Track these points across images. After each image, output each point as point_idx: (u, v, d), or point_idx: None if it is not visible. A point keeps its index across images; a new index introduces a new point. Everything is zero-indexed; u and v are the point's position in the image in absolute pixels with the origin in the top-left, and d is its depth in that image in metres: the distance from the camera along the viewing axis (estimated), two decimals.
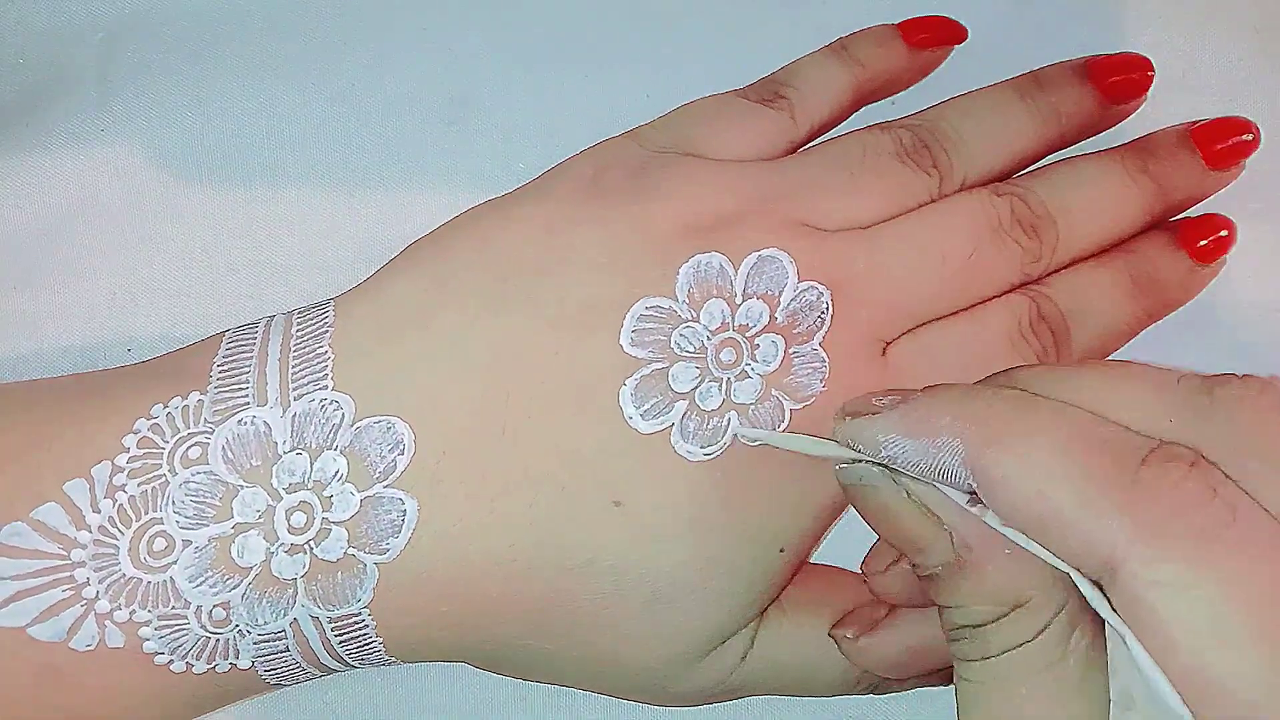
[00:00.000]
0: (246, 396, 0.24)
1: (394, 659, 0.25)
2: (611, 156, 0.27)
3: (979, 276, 0.27)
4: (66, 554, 0.22)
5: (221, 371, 0.24)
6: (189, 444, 0.23)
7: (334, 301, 0.25)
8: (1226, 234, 0.29)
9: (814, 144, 0.29)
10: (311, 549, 0.23)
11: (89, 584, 0.22)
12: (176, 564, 0.23)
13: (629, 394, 0.24)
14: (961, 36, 0.30)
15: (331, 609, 0.23)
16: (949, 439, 0.19)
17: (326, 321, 0.25)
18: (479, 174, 0.31)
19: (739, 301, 0.25)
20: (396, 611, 0.24)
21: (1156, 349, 0.30)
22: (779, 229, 0.26)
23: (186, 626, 0.23)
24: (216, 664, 0.23)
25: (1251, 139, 0.29)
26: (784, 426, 0.25)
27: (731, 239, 0.25)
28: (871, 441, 0.21)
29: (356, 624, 0.24)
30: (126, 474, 0.23)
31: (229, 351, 0.25)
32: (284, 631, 0.24)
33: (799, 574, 0.27)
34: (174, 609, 0.23)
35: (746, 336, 0.25)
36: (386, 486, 0.23)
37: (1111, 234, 0.28)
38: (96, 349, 0.30)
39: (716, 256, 0.25)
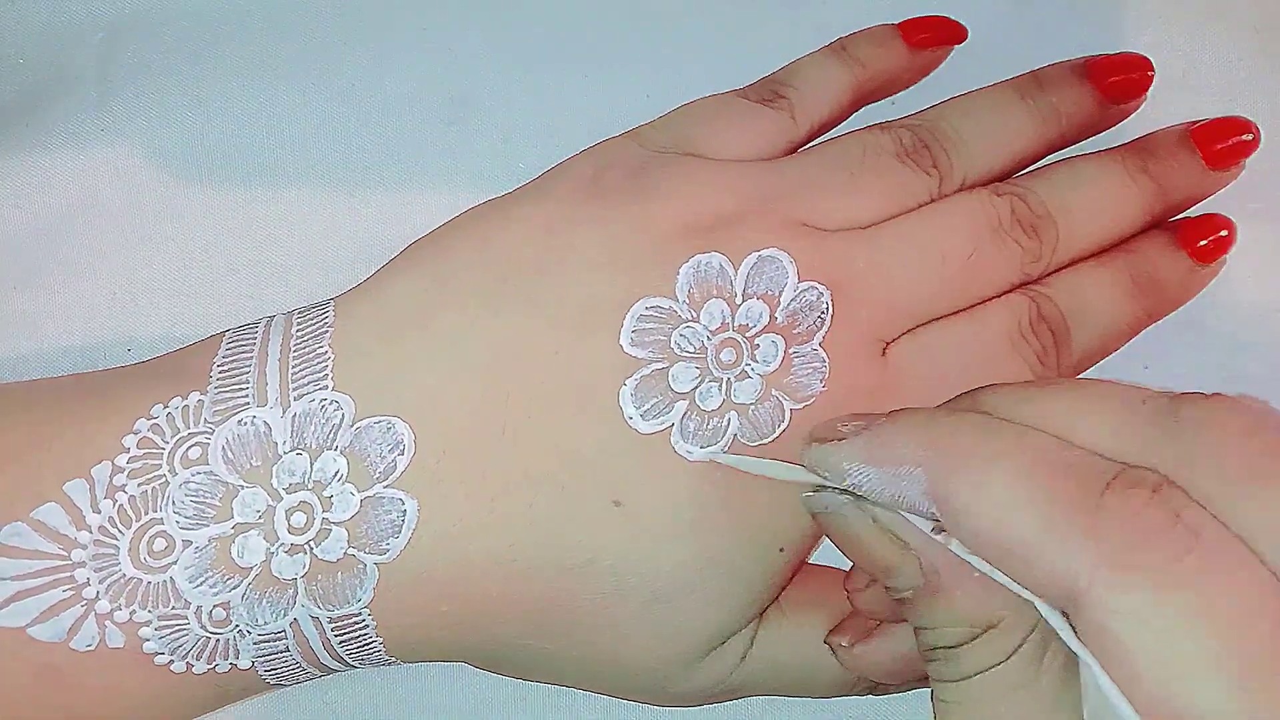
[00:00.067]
0: (246, 396, 0.24)
1: (394, 659, 0.25)
2: (611, 156, 0.27)
3: (979, 276, 0.27)
4: (67, 554, 0.22)
5: (221, 371, 0.24)
6: (189, 444, 0.23)
7: (334, 301, 0.25)
8: (1226, 234, 0.29)
9: (814, 144, 0.29)
10: (311, 549, 0.23)
11: (89, 584, 0.22)
12: (176, 564, 0.23)
13: (629, 394, 0.24)
14: (961, 36, 0.30)
15: (331, 609, 0.23)
16: (910, 468, 0.19)
17: (326, 321, 0.25)
18: (479, 174, 0.31)
19: (739, 301, 0.25)
20: (397, 611, 0.24)
21: (1156, 349, 0.30)
22: (779, 229, 0.26)
23: (187, 627, 0.23)
24: (216, 664, 0.23)
25: (1251, 139, 0.29)
26: (784, 426, 0.25)
27: (731, 239, 0.25)
28: (836, 469, 0.21)
29: (356, 624, 0.24)
30: (126, 474, 0.23)
31: (229, 351, 0.25)
32: (284, 632, 0.24)
33: (798, 574, 0.27)
34: (174, 609, 0.23)
35: (746, 336, 0.25)
36: (386, 486, 0.23)
37: (1111, 234, 0.28)
38: (96, 349, 0.30)
39: (716, 256, 0.25)
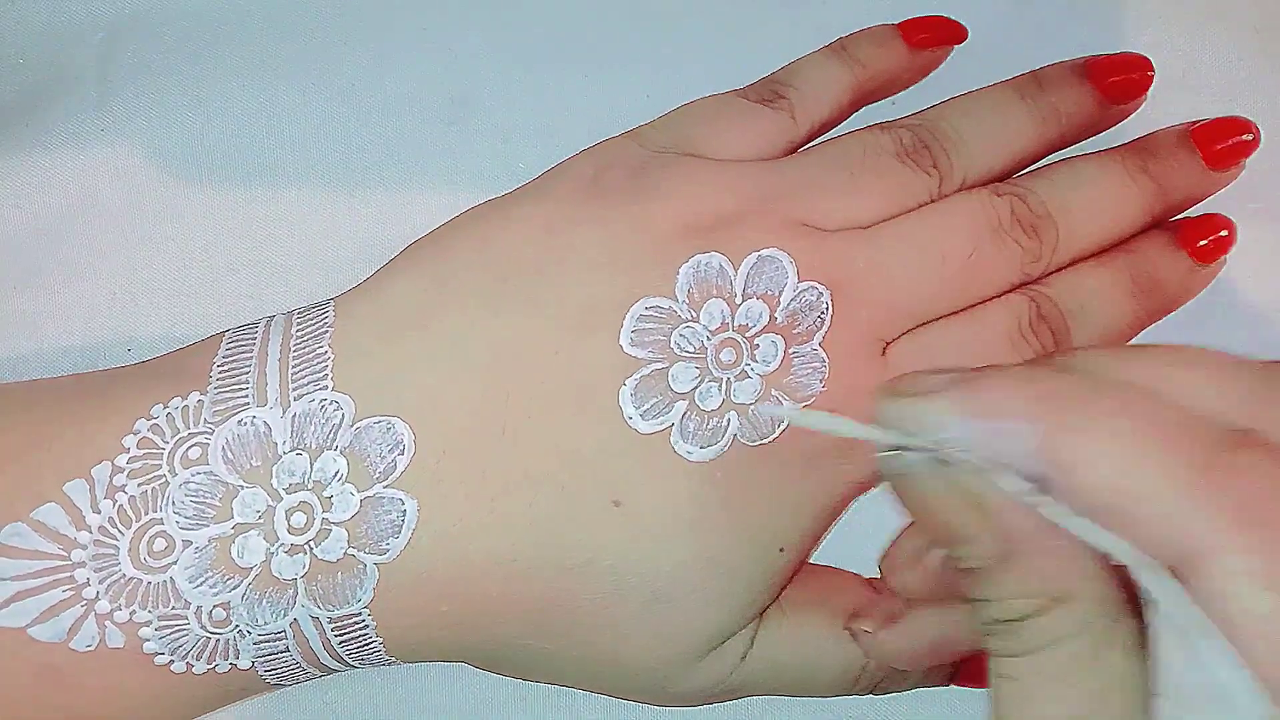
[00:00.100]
0: (246, 397, 0.24)
1: (394, 659, 0.25)
2: (611, 156, 0.27)
3: (979, 276, 0.27)
4: (67, 554, 0.22)
5: (221, 371, 0.24)
6: (189, 444, 0.23)
7: (334, 301, 0.25)
8: (1226, 234, 0.29)
9: (814, 144, 0.29)
10: (311, 549, 0.23)
11: (89, 584, 0.22)
12: (176, 564, 0.23)
13: (629, 394, 0.24)
14: (961, 36, 0.30)
15: (331, 609, 0.23)
16: (1018, 422, 0.18)
17: (326, 321, 0.25)
18: (479, 174, 0.31)
19: (739, 301, 0.25)
20: (397, 611, 0.24)
21: None
22: (779, 229, 0.26)
23: (187, 627, 0.23)
24: (217, 664, 0.23)
25: (1251, 139, 0.29)
26: (784, 426, 0.25)
27: (731, 239, 0.25)
28: (926, 424, 0.19)
29: (357, 624, 0.24)
30: (126, 474, 0.23)
31: (229, 351, 0.25)
32: (284, 632, 0.24)
33: (798, 574, 0.27)
34: (174, 609, 0.23)
35: (746, 336, 0.25)
36: (386, 486, 0.23)
37: (1111, 234, 0.28)
38: (96, 349, 0.30)
39: (716, 256, 0.25)
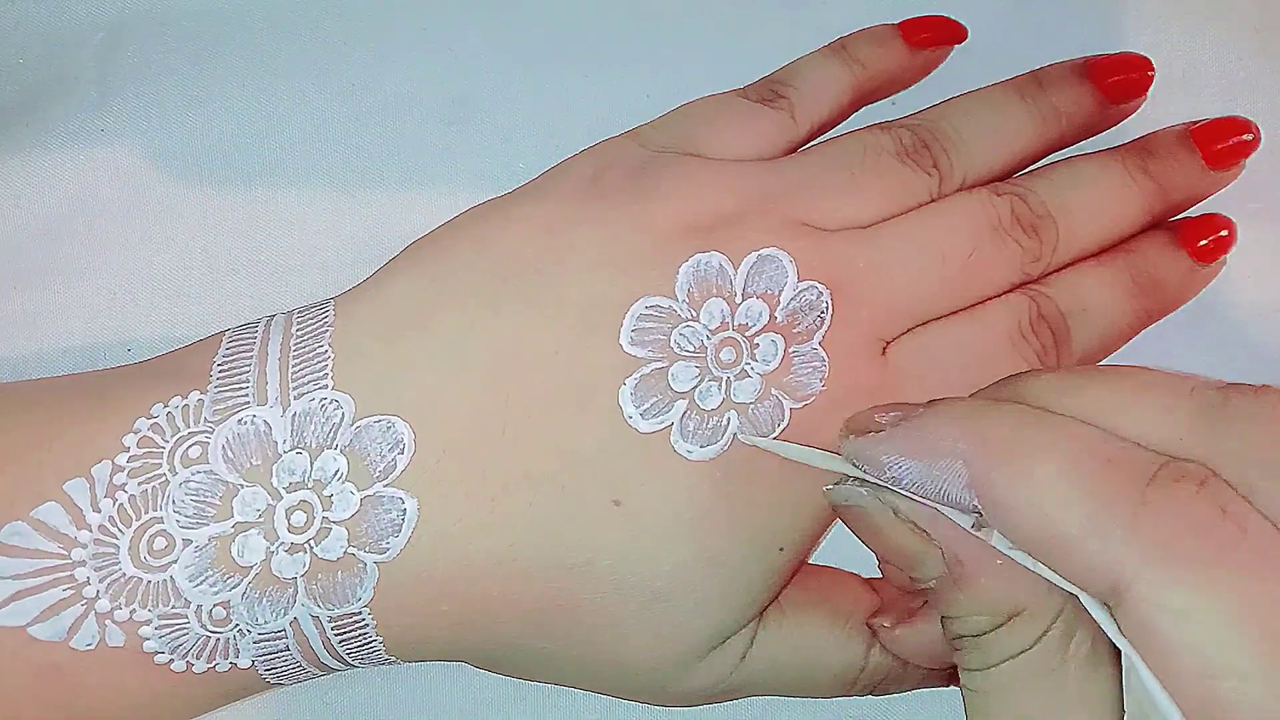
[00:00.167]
0: (246, 396, 0.24)
1: (394, 658, 0.25)
2: (611, 156, 0.27)
3: (979, 276, 0.27)
4: (67, 553, 0.22)
5: (221, 371, 0.24)
6: (189, 443, 0.23)
7: (334, 301, 0.25)
8: (1226, 234, 0.29)
9: (814, 144, 0.29)
10: (311, 548, 0.23)
11: (89, 583, 0.22)
12: (177, 563, 0.23)
13: (629, 393, 0.24)
14: (961, 36, 0.30)
15: (332, 608, 0.23)
16: (951, 461, 0.19)
17: (326, 321, 0.25)
18: (479, 174, 0.31)
19: (739, 301, 0.25)
20: (397, 611, 0.24)
21: (1156, 349, 0.30)
22: (779, 228, 0.26)
23: (187, 626, 0.23)
24: (216, 663, 0.23)
25: (1251, 139, 0.29)
26: (783, 426, 0.25)
27: (731, 238, 0.25)
28: (875, 462, 0.20)
29: (357, 623, 0.24)
30: (127, 473, 0.23)
31: (229, 351, 0.25)
32: (284, 631, 0.23)
33: (798, 574, 0.27)
34: (174, 608, 0.23)
35: (746, 336, 0.25)
36: (386, 486, 0.23)
37: (1111, 234, 0.28)
38: (96, 349, 0.30)
39: (716, 256, 0.25)
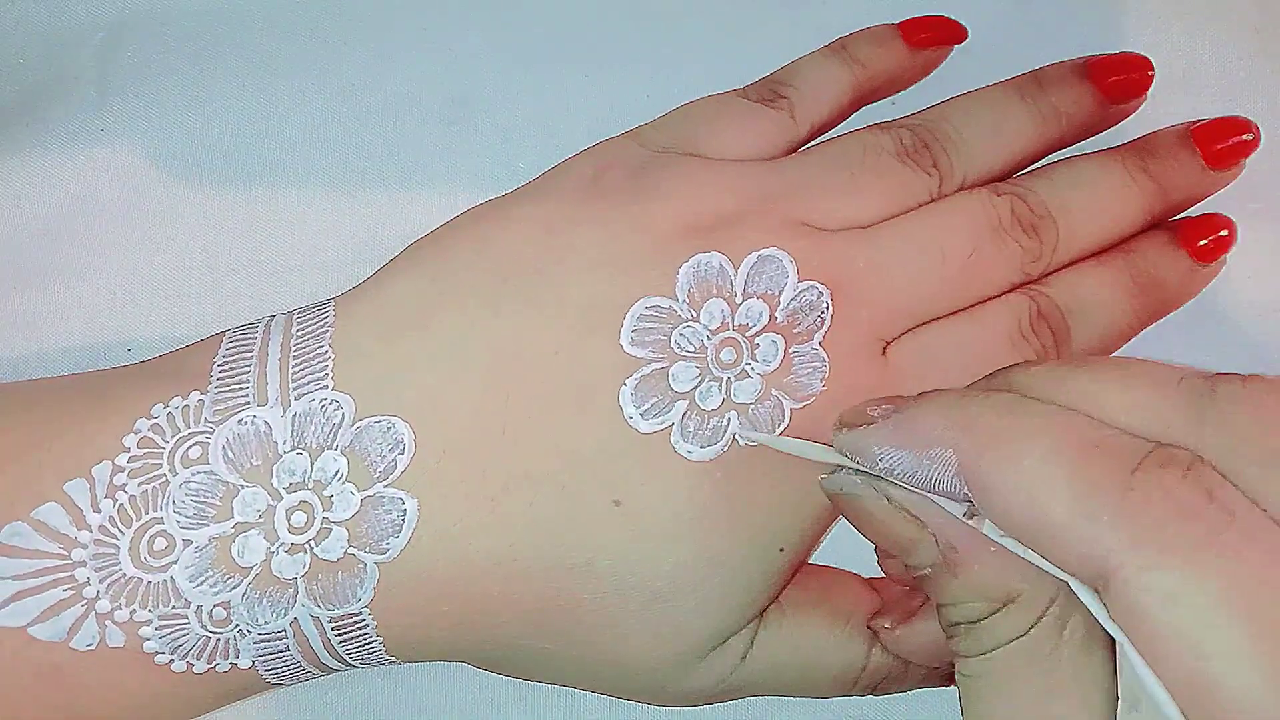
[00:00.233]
0: (247, 396, 0.24)
1: (394, 659, 0.25)
2: (612, 156, 0.27)
3: (979, 276, 0.27)
4: (67, 554, 0.22)
5: (222, 371, 0.24)
6: (189, 444, 0.23)
7: (334, 301, 0.25)
8: (1226, 234, 0.29)
9: (814, 144, 0.29)
10: (312, 548, 0.23)
11: (89, 584, 0.22)
12: (177, 564, 0.23)
13: (629, 394, 0.24)
14: (961, 36, 0.30)
15: (332, 608, 0.23)
16: (941, 450, 0.19)
17: (327, 321, 0.25)
18: (479, 174, 0.31)
19: (739, 301, 0.25)
20: (397, 611, 0.24)
21: (1156, 349, 0.30)
22: (779, 229, 0.26)
23: (187, 626, 0.23)
24: (217, 664, 0.23)
25: (1251, 139, 0.29)
26: (784, 426, 0.25)
27: (731, 239, 0.25)
28: (867, 453, 0.21)
29: (357, 623, 0.24)
30: (127, 474, 0.23)
31: (229, 351, 0.25)
32: (284, 631, 0.23)
33: (798, 574, 0.27)
34: (174, 609, 0.23)
35: (746, 336, 0.25)
36: (387, 486, 0.23)
37: (1111, 233, 0.28)
38: (96, 349, 0.30)
39: (716, 256, 0.25)
